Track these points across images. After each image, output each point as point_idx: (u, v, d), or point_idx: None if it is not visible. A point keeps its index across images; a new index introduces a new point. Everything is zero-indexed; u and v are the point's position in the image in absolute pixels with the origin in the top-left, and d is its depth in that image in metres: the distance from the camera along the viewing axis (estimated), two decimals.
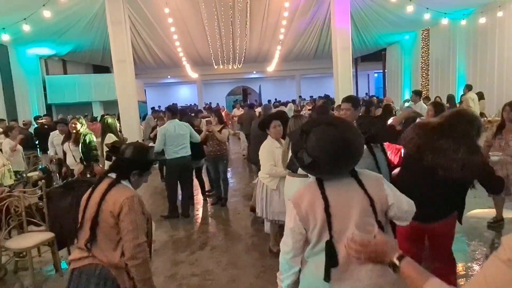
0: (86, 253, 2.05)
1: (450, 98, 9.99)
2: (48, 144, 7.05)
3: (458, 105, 9.59)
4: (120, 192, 2.06)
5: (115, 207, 2.00)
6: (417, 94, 9.00)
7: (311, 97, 19.40)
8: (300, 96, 22.11)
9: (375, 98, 10.27)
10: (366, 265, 1.57)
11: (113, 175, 2.15)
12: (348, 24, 10.34)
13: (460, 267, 3.58)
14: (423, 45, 14.54)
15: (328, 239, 1.64)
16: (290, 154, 3.39)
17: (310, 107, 12.72)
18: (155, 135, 8.08)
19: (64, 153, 5.90)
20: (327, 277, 1.63)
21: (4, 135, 6.68)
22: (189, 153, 5.75)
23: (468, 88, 10.00)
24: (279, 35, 14.84)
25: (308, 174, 1.79)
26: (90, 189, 2.18)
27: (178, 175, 5.74)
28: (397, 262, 1.30)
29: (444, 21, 11.69)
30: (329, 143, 1.60)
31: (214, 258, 4.24)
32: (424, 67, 14.62)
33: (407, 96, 14.58)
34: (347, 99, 3.68)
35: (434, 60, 14.03)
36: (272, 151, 3.99)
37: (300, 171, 3.16)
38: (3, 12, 9.16)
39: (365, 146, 2.40)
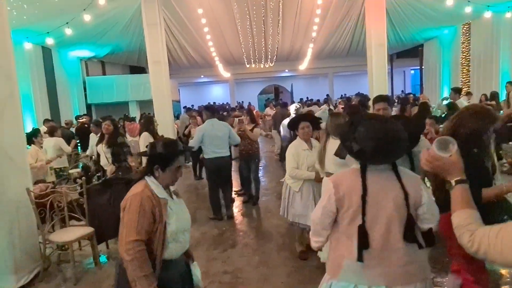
0: None
1: (495, 95, 9.48)
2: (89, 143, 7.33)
3: (503, 103, 9.09)
4: (133, 188, 2.13)
5: (123, 202, 2.09)
6: (456, 91, 8.62)
7: (344, 95, 19.05)
8: (327, 95, 21.79)
9: (411, 95, 9.91)
10: (398, 251, 1.77)
11: None
12: (383, 20, 10.06)
13: None
14: (464, 40, 13.87)
15: (360, 223, 1.79)
16: (327, 152, 3.36)
17: (343, 106, 12.49)
18: (189, 133, 8.27)
19: (98, 154, 5.86)
20: (360, 258, 1.77)
21: (49, 135, 7.03)
22: (228, 153, 5.68)
23: None
24: (311, 33, 14.67)
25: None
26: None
27: (217, 175, 5.63)
28: (453, 183, 1.46)
29: (487, 14, 11.09)
30: (376, 134, 1.77)
31: (245, 257, 4.27)
32: (464, 63, 13.94)
33: (445, 93, 13.98)
34: (382, 98, 3.59)
35: (475, 56, 13.35)
36: (297, 153, 3.93)
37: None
38: (48, 17, 9.66)
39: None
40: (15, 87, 4.00)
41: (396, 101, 17.63)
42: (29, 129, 8.24)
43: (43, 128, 8.25)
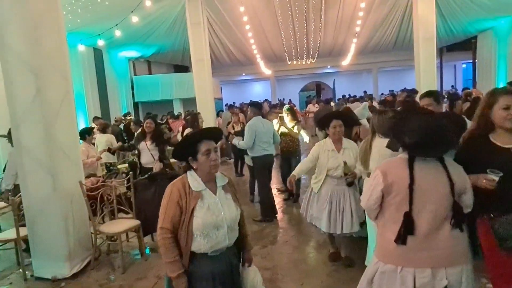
0: None
1: None
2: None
3: None
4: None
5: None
6: None
7: (391, 91, 18.36)
8: (365, 92, 21.11)
9: (468, 90, 9.26)
10: (443, 236, 1.94)
11: None
12: (433, 12, 9.59)
13: None
14: None
15: (407, 211, 1.95)
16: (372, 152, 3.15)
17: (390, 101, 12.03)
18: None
19: (139, 151, 5.75)
20: (403, 242, 1.95)
21: (101, 132, 7.44)
22: (274, 151, 5.61)
23: None
24: (355, 27, 14.30)
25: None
26: None
27: (266, 173, 5.54)
28: None
29: None
30: (426, 128, 1.92)
31: (285, 254, 4.27)
32: None
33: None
34: (427, 94, 3.43)
35: None
36: (319, 152, 3.77)
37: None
38: (99, 20, 10.20)
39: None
40: (70, 86, 4.26)
41: (446, 96, 16.79)
42: (81, 126, 8.78)
43: (93, 126, 8.75)
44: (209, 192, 2.15)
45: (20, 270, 4.18)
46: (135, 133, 7.60)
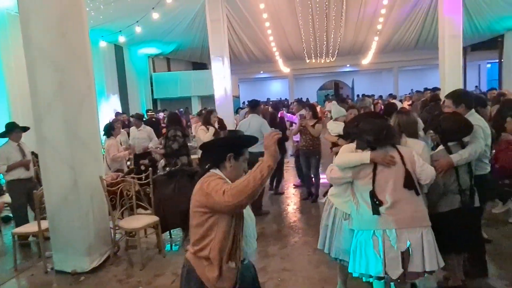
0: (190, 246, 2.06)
1: None
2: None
3: None
4: (204, 178, 1.97)
5: (201, 186, 1.92)
6: None
7: (412, 90, 17.95)
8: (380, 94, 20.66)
9: (495, 91, 8.84)
10: (404, 201, 2.54)
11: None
12: (459, 8, 9.23)
13: None
14: None
15: (371, 189, 2.59)
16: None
17: (410, 102, 11.74)
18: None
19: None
20: (375, 212, 2.55)
21: (136, 127, 7.26)
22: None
23: None
24: (376, 25, 14.02)
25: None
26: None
27: None
28: None
29: None
30: (377, 128, 2.65)
31: (305, 255, 4.18)
32: None
33: None
34: (448, 95, 3.40)
35: None
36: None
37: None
38: (120, 16, 10.30)
39: (442, 147, 2.99)
40: (92, 82, 4.28)
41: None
42: (102, 122, 8.85)
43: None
44: None
45: (41, 262, 4.22)
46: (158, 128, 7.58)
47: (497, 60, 18.18)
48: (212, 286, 1.92)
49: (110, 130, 6.20)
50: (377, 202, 2.53)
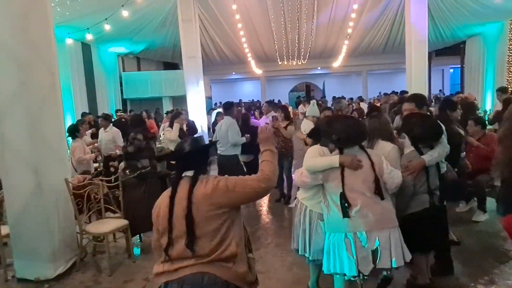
0: (187, 261, 1.88)
1: None
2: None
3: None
4: (205, 186, 1.91)
5: (213, 186, 1.89)
6: (502, 91, 8.03)
7: (380, 93, 18.47)
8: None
9: (461, 95, 9.23)
10: (373, 205, 2.62)
11: (190, 173, 1.99)
12: (425, 14, 9.62)
13: None
14: (511, 37, 13.05)
15: (341, 191, 2.64)
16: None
17: (378, 105, 12.07)
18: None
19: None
20: (345, 215, 2.62)
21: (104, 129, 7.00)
22: (230, 153, 5.82)
23: None
24: (347, 29, 14.31)
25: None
26: (168, 193, 1.99)
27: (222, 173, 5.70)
28: None
29: None
30: (348, 128, 2.72)
31: (278, 257, 4.18)
32: (511, 61, 13.12)
33: (489, 93, 13.22)
34: (411, 99, 3.57)
35: None
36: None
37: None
38: (88, 13, 9.94)
39: (413, 148, 3.02)
40: (57, 80, 4.09)
41: (434, 100, 16.98)
42: (68, 122, 8.51)
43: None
44: None
45: (1, 270, 3.99)
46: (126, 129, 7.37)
47: (459, 65, 19.04)
48: (244, 281, 1.93)
49: (74, 131, 5.97)
50: (346, 205, 2.60)
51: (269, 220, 5.55)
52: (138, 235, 4.75)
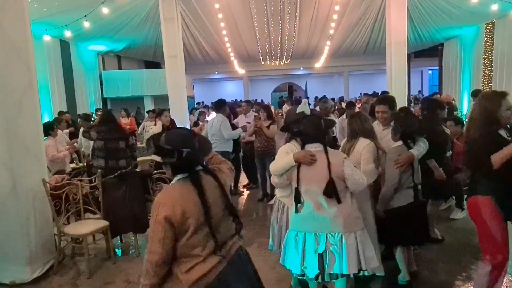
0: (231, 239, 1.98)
1: None
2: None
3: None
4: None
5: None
6: (476, 95, 8.27)
7: (361, 93, 18.74)
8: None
9: (438, 95, 9.49)
10: (327, 210, 2.60)
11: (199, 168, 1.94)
12: (405, 17, 9.79)
13: None
14: (487, 39, 13.44)
15: (296, 186, 2.70)
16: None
17: (359, 105, 12.24)
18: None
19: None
20: (296, 210, 2.70)
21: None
22: (221, 149, 5.91)
23: None
24: (329, 30, 14.44)
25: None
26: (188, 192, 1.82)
27: None
28: None
29: None
30: (313, 125, 2.76)
31: (261, 256, 4.18)
32: (487, 63, 13.51)
33: (466, 94, 13.60)
34: (382, 101, 3.76)
35: (499, 56, 12.92)
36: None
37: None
38: (66, 10, 9.69)
39: (401, 142, 3.15)
40: (34, 77, 3.97)
41: (413, 101, 17.35)
42: (45, 120, 8.28)
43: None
44: None
45: None
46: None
47: (438, 67, 19.52)
48: None
49: (48, 129, 5.78)
50: (298, 202, 2.66)
51: (252, 219, 5.54)
52: (118, 236, 4.66)
